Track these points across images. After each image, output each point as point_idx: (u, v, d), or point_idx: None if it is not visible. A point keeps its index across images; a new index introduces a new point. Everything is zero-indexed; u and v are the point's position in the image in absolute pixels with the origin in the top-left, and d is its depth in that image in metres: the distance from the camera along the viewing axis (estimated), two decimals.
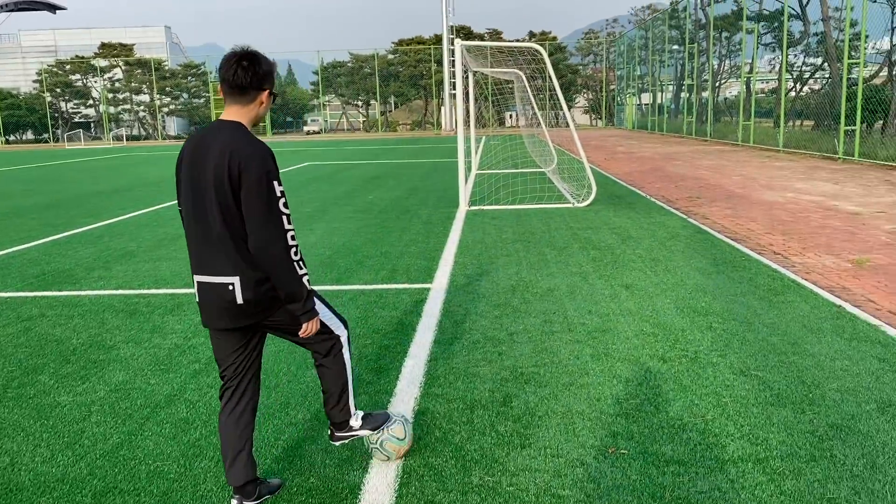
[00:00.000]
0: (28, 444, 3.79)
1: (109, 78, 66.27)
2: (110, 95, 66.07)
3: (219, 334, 3.05)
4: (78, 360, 5.07)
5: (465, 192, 12.51)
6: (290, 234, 2.82)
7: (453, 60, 58.41)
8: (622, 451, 3.53)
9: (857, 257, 7.79)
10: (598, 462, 3.44)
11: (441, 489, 3.24)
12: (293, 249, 2.83)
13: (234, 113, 2.87)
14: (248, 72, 2.81)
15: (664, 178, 16.80)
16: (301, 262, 2.88)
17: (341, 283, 7.15)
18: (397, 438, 3.45)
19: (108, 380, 4.66)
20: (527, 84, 18.46)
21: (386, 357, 4.95)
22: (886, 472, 3.28)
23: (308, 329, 2.98)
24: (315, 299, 3.07)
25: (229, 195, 2.76)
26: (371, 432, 3.38)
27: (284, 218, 2.81)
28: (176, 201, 3.04)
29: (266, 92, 2.90)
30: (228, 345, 3.06)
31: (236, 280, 2.85)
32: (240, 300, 2.86)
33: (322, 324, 3.11)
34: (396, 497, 3.19)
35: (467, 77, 15.24)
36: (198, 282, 2.95)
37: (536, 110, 19.68)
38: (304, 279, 2.89)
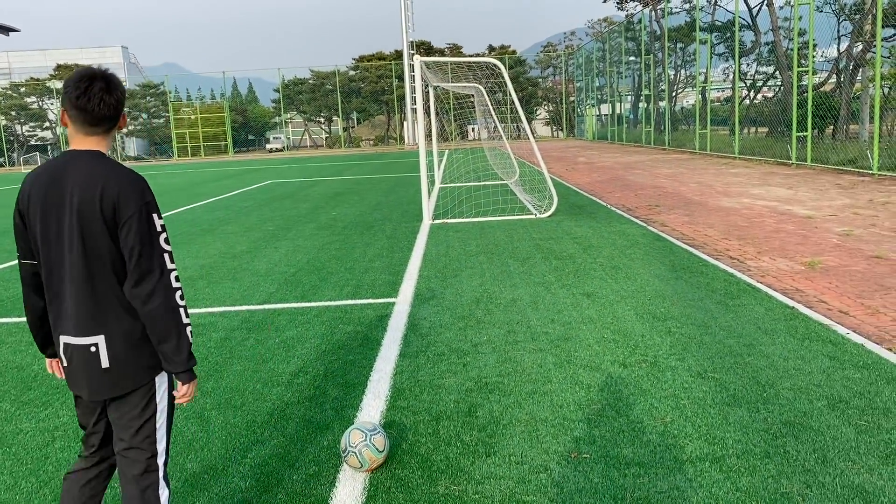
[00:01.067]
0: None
1: None
2: None
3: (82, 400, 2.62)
4: (39, 385, 5.02)
5: (428, 206, 12.59)
6: (173, 274, 2.45)
7: (414, 76, 58.76)
8: (584, 456, 3.62)
9: (809, 260, 8.03)
10: (561, 467, 3.52)
11: (408, 500, 3.28)
12: (178, 293, 2.45)
13: (92, 143, 2.47)
14: (112, 98, 2.43)
15: (624, 188, 17.08)
16: (185, 310, 2.48)
17: (306, 300, 7.17)
18: (377, 449, 3.50)
19: (70, 405, 4.61)
20: (486, 98, 18.67)
21: (351, 372, 4.99)
22: (836, 465, 3.41)
23: (186, 392, 2.55)
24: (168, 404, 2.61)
25: (101, 235, 2.38)
26: None
27: (167, 256, 2.44)
28: (19, 256, 2.54)
29: (124, 116, 2.56)
30: (93, 412, 2.63)
31: (101, 339, 2.44)
32: (105, 363, 2.45)
33: (151, 431, 2.55)
34: None
35: (428, 92, 15.38)
36: (63, 343, 2.49)
37: (497, 123, 19.90)
38: (188, 330, 2.48)
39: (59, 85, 64.14)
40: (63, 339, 2.48)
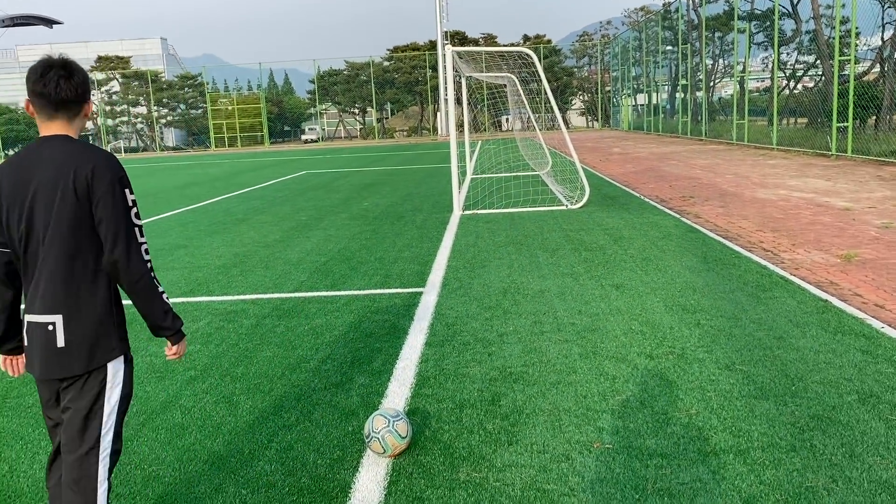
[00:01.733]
0: (27, 451, 3.87)
1: (107, 91, 66.46)
2: (108, 108, 66.25)
3: (40, 384, 2.64)
4: None
5: (458, 197, 12.60)
6: (143, 247, 2.54)
7: (447, 66, 58.58)
8: (607, 446, 3.62)
9: (845, 252, 7.87)
10: (583, 457, 3.52)
11: (429, 486, 3.32)
12: (149, 264, 2.55)
13: (57, 127, 2.52)
14: (70, 83, 2.49)
15: (658, 179, 16.89)
16: (157, 280, 2.60)
17: (336, 288, 7.24)
18: (400, 435, 3.54)
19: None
20: (519, 87, 18.58)
21: (378, 359, 5.03)
22: (864, 460, 3.36)
23: (177, 351, 2.67)
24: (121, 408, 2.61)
25: (72, 214, 2.43)
26: None
27: (137, 230, 2.52)
28: None
29: (90, 103, 2.62)
30: (49, 399, 2.64)
31: (58, 318, 2.47)
32: (60, 342, 2.47)
33: (97, 429, 2.53)
34: (386, 494, 3.27)
35: (460, 82, 15.35)
36: (27, 322, 2.55)
37: (531, 113, 19.80)
38: (164, 296, 2.63)
39: (100, 76, 65.41)
40: (27, 318, 2.53)
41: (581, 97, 68.86)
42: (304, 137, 67.79)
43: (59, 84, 2.47)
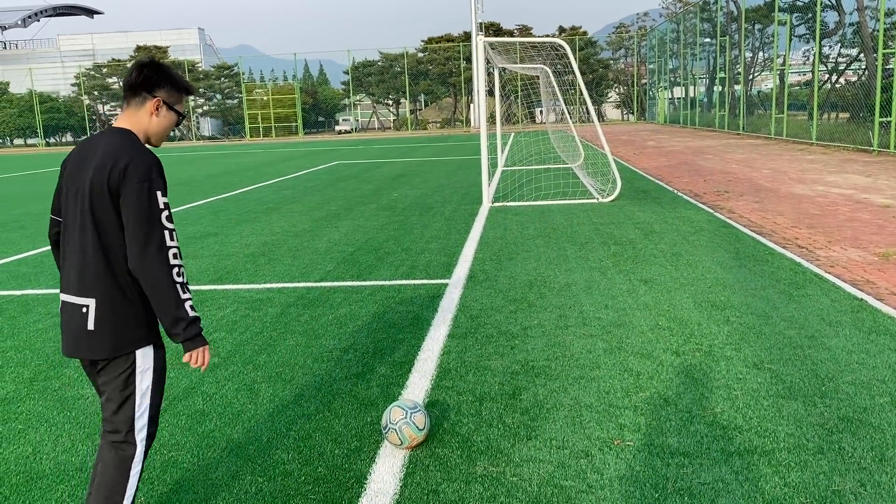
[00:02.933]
0: (51, 434, 3.92)
1: None
2: None
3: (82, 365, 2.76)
4: None
5: (488, 188, 12.52)
6: (171, 251, 2.51)
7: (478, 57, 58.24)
8: (628, 443, 3.55)
9: (884, 250, 7.66)
10: (603, 454, 3.46)
11: (445, 479, 3.28)
12: (175, 270, 2.52)
13: (124, 120, 2.67)
14: (140, 73, 2.64)
15: (693, 173, 16.63)
16: (185, 287, 2.56)
17: (362, 278, 7.24)
18: (417, 427, 3.52)
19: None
20: (552, 79, 18.40)
21: (400, 350, 5.01)
22: (895, 464, 3.25)
23: (195, 359, 2.61)
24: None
25: (106, 205, 2.51)
26: None
27: (167, 233, 2.51)
28: (52, 211, 2.77)
29: (157, 100, 2.65)
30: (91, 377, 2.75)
31: (92, 302, 2.55)
32: (91, 325, 2.55)
33: (131, 410, 2.62)
34: (401, 486, 3.25)
35: (492, 74, 15.24)
36: (62, 301, 2.65)
37: (563, 106, 19.61)
38: (187, 304, 2.55)
39: None
40: (62, 297, 2.64)
41: (617, 89, 68.12)
42: (337, 128, 68.09)
43: (130, 73, 2.65)
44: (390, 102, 70.08)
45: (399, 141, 44.01)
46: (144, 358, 2.63)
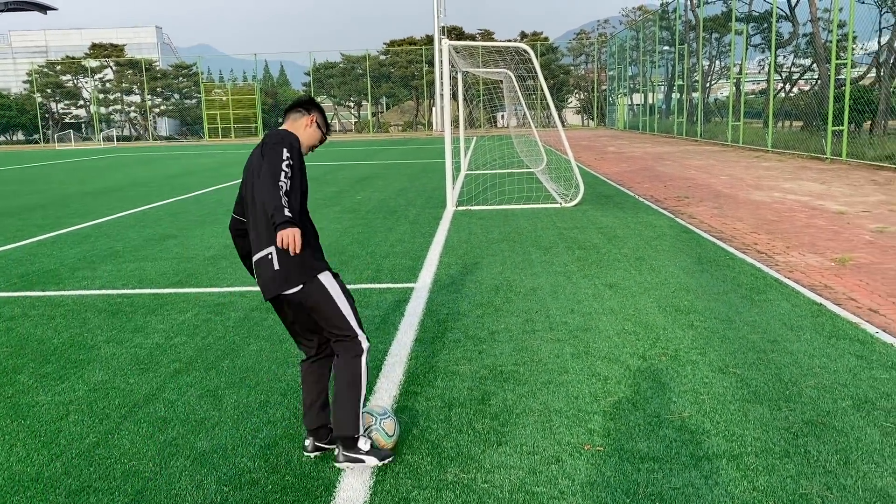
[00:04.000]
0: (4, 443, 3.78)
1: (100, 78, 66.00)
2: (101, 96, 65.81)
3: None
4: (58, 359, 5.05)
5: (452, 192, 12.51)
6: (281, 183, 3.13)
7: (443, 60, 58.34)
8: (598, 448, 3.55)
9: (840, 256, 7.83)
10: (574, 459, 3.45)
11: (416, 486, 3.24)
12: (283, 188, 3.12)
13: (288, 126, 3.54)
14: (301, 99, 3.59)
15: (653, 178, 16.85)
16: (287, 201, 3.11)
17: None
18: (387, 434, 3.47)
19: (87, 379, 4.64)
20: (516, 84, 18.49)
21: None
22: (859, 467, 3.30)
23: (284, 240, 3.03)
24: (346, 297, 3.49)
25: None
26: (378, 462, 3.38)
27: (282, 174, 3.15)
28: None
29: (312, 116, 3.54)
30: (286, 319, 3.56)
31: (272, 249, 3.28)
32: (276, 266, 3.28)
33: (342, 318, 3.39)
34: (371, 494, 3.19)
35: (456, 77, 15.25)
36: (256, 260, 3.37)
37: (526, 110, 19.72)
38: (284, 200, 3.09)
39: (94, 64, 64.99)
40: (255, 257, 3.38)
41: (577, 95, 68.81)
42: None
43: (295, 100, 3.62)
44: (352, 104, 69.75)
45: (361, 143, 43.80)
46: (327, 279, 3.43)
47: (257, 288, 6.87)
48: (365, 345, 3.44)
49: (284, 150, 3.23)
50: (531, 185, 14.84)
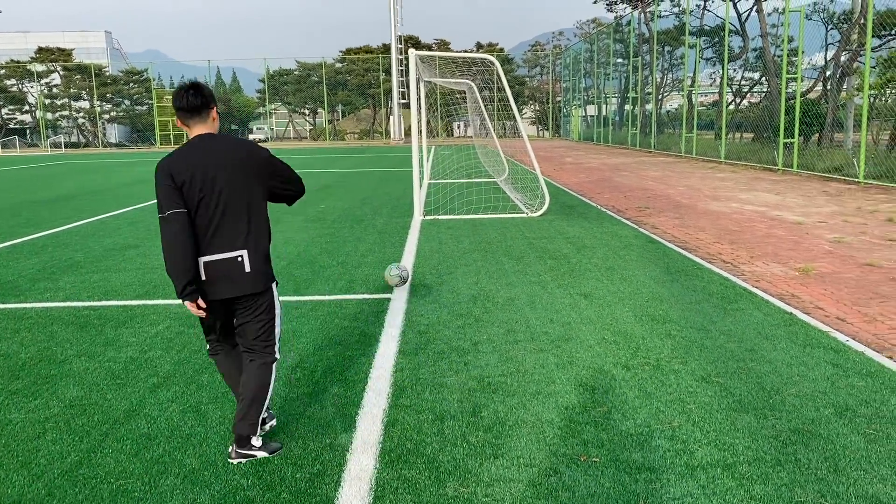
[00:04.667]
0: None
1: (47, 83, 64.26)
2: (47, 101, 64.05)
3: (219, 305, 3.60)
4: (28, 374, 4.87)
5: (419, 201, 12.48)
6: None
7: (402, 70, 58.13)
8: (594, 459, 3.56)
9: (803, 266, 8.04)
10: (572, 470, 3.45)
11: (416, 501, 3.20)
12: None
13: (202, 129, 3.54)
14: (197, 96, 3.48)
15: (613, 189, 17.09)
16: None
17: (300, 293, 7.05)
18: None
19: (61, 395, 4.48)
20: (478, 95, 18.58)
21: (351, 368, 4.89)
22: (849, 474, 3.38)
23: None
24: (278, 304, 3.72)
25: (244, 182, 3.45)
26: (267, 454, 3.61)
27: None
28: (175, 206, 3.36)
29: (214, 108, 3.56)
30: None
31: (245, 252, 3.46)
32: (247, 269, 3.47)
33: (274, 329, 3.66)
34: None
35: (420, 87, 15.25)
36: (207, 261, 3.43)
37: (488, 121, 19.83)
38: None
39: (40, 68, 63.25)
40: (211, 257, 3.44)
41: (532, 106, 69.51)
42: (251, 137, 66.76)
43: (187, 98, 3.47)
44: (307, 112, 69.23)
45: (318, 151, 43.47)
46: (276, 293, 3.66)
47: None
48: (278, 355, 3.70)
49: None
50: (496, 195, 14.91)
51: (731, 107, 31.18)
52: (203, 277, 3.44)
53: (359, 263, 8.44)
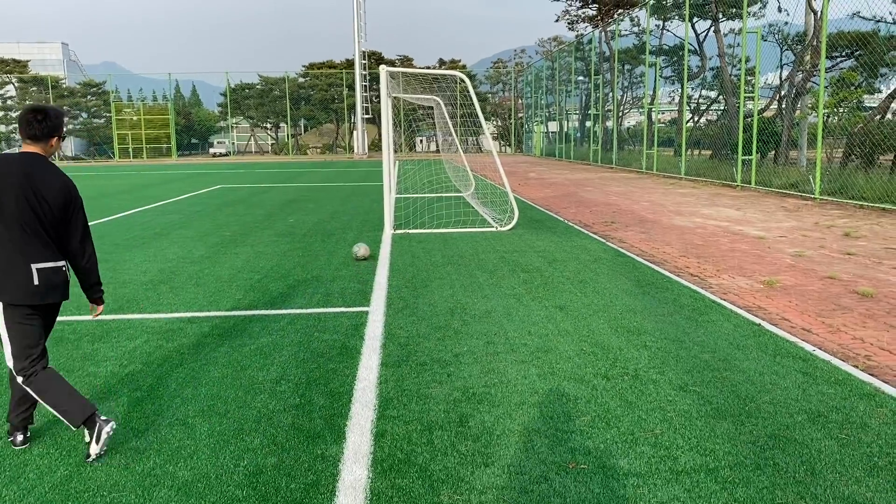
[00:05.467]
0: None
1: (1, 95, 62.84)
2: (1, 114, 62.61)
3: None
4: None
5: (390, 215, 12.54)
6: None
7: (366, 85, 57.93)
8: (582, 466, 3.65)
9: (767, 279, 8.29)
10: (561, 477, 3.54)
11: None
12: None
13: (33, 148, 3.87)
14: (42, 124, 3.81)
15: (578, 204, 17.35)
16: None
17: (276, 307, 7.05)
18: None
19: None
20: (444, 111, 18.76)
21: (335, 380, 4.93)
22: (825, 477, 3.53)
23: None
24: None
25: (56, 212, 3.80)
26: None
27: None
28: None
29: (56, 138, 3.89)
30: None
31: (65, 263, 3.91)
32: (66, 277, 3.92)
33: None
34: None
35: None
36: (39, 269, 3.74)
37: (455, 137, 20.01)
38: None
39: None
40: (42, 265, 3.80)
41: (494, 122, 70.10)
42: (212, 151, 66.12)
43: (31, 124, 3.80)
44: (269, 126, 68.84)
45: (281, 165, 43.23)
46: None
47: (205, 313, 6.78)
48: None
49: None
50: (463, 210, 15.04)
51: (690, 124, 31.91)
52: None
53: (333, 277, 8.46)
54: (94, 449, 3.71)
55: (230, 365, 5.28)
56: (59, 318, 6.66)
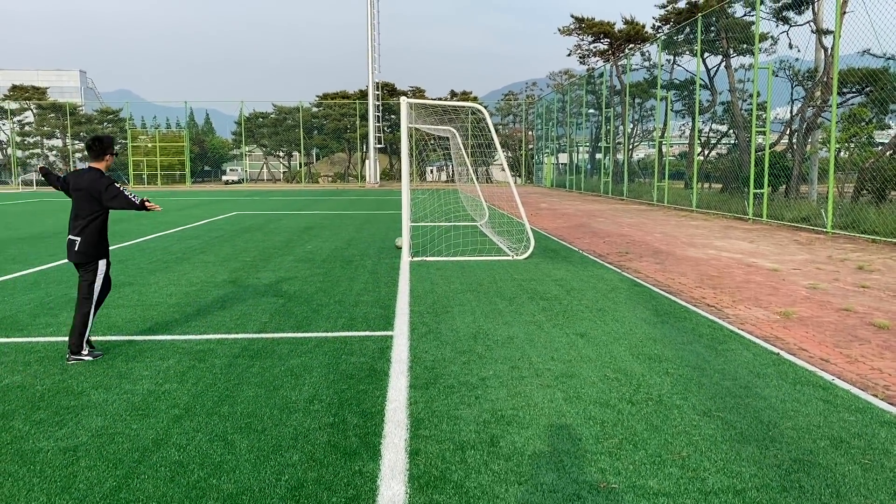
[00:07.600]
0: (20, 489, 3.71)
1: (19, 121, 63.83)
2: (19, 139, 63.53)
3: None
4: (48, 406, 4.96)
5: (407, 243, 12.72)
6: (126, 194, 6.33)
7: (379, 115, 58.49)
8: (613, 486, 3.77)
9: (783, 310, 8.40)
10: (594, 496, 3.66)
11: None
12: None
13: (94, 164, 6.41)
14: (97, 148, 6.41)
15: (591, 234, 17.51)
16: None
17: (302, 330, 7.20)
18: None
19: (86, 425, 4.58)
20: (459, 141, 19.03)
21: (366, 401, 5.06)
22: (851, 500, 3.63)
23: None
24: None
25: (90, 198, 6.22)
26: (91, 358, 6.11)
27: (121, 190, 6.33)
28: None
29: (108, 155, 6.47)
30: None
31: (79, 238, 6.15)
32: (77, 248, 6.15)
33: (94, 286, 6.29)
34: None
35: (401, 133, 15.62)
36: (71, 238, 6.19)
37: (469, 167, 20.27)
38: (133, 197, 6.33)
39: (14, 105, 62.87)
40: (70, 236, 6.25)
41: (504, 153, 70.68)
42: (225, 178, 66.81)
43: (90, 148, 6.36)
44: (282, 154, 69.56)
45: (294, 193, 43.64)
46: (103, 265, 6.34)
47: (234, 336, 6.95)
48: (94, 308, 6.33)
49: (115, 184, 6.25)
50: (478, 238, 15.22)
51: (700, 157, 32.17)
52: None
53: (356, 302, 8.61)
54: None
55: (263, 385, 5.42)
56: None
